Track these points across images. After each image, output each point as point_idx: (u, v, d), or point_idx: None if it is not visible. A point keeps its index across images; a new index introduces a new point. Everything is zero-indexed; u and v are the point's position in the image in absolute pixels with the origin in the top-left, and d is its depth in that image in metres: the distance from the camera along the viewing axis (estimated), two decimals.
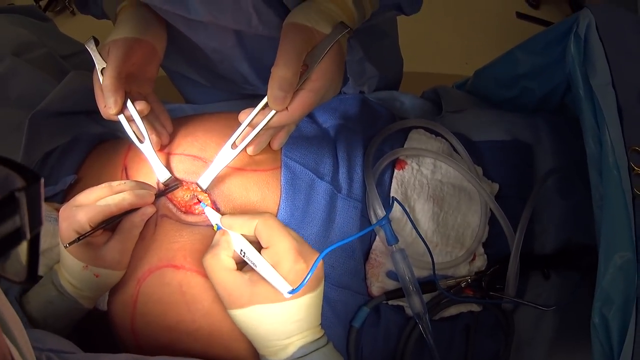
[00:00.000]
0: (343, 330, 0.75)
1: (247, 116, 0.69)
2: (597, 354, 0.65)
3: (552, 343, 0.80)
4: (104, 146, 0.90)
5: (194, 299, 0.69)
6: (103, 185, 0.69)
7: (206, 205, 0.71)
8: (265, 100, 0.67)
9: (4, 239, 0.27)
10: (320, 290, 0.64)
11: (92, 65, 0.75)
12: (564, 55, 0.81)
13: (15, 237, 0.28)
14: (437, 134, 0.86)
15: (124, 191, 0.68)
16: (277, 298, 0.60)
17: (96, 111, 0.94)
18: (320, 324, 0.66)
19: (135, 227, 0.70)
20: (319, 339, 0.64)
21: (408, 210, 0.79)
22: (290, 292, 0.58)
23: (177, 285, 0.69)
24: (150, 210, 0.71)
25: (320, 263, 0.62)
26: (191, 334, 0.69)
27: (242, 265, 0.64)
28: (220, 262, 0.63)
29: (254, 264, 0.62)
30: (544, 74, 0.87)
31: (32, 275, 0.32)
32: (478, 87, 1.00)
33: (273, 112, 0.67)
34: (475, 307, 0.80)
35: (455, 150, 0.85)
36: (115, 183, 0.69)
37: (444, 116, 0.93)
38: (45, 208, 0.80)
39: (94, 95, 0.74)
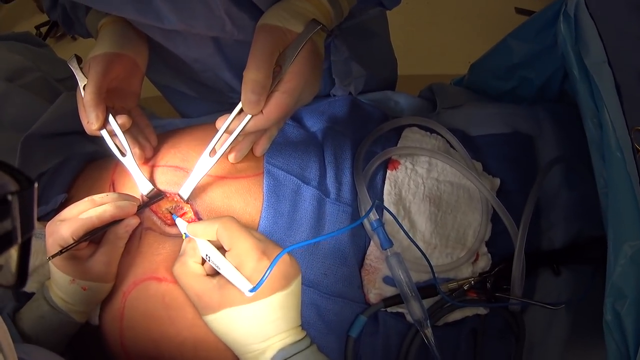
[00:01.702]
0: (336, 340, 0.71)
1: (223, 122, 0.68)
2: (612, 354, 0.59)
3: (566, 343, 0.75)
4: (93, 165, 0.90)
5: (177, 312, 0.67)
6: (85, 199, 0.68)
7: (177, 217, 0.70)
8: (240, 105, 0.65)
9: None
10: (293, 289, 0.62)
11: (75, 83, 0.75)
12: (556, 39, 0.77)
13: (6, 241, 0.28)
14: (432, 132, 0.83)
15: (105, 203, 0.68)
16: (246, 299, 0.59)
17: None
18: (305, 329, 0.64)
19: (119, 239, 0.70)
20: (299, 340, 0.62)
21: (404, 212, 0.76)
22: (251, 290, 0.57)
23: (160, 297, 0.68)
24: (133, 221, 0.70)
25: (287, 260, 0.61)
26: (177, 347, 0.68)
27: (212, 271, 0.64)
28: (188, 269, 0.63)
29: (218, 267, 0.61)
30: (539, 61, 0.82)
31: (21, 280, 0.32)
32: (475, 81, 0.96)
33: (249, 116, 0.65)
34: (481, 310, 0.75)
35: (452, 146, 0.81)
36: (97, 196, 0.69)
37: (440, 113, 0.89)
38: (37, 226, 0.79)
39: None
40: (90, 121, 0.71)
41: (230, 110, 0.93)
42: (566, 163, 0.79)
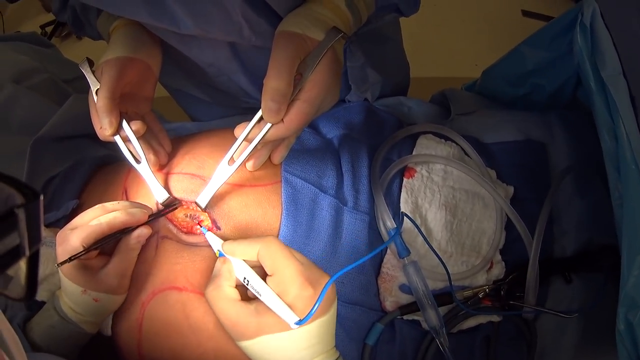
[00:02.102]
0: (356, 348, 0.72)
1: (242, 130, 0.67)
2: None
3: (577, 350, 0.76)
4: (105, 169, 0.89)
5: (198, 322, 0.67)
6: (96, 206, 0.67)
7: (207, 230, 0.68)
8: (260, 113, 0.65)
9: (3, 256, 0.27)
10: (332, 312, 0.60)
11: (87, 87, 0.74)
12: (571, 47, 0.78)
13: (14, 254, 0.28)
14: (446, 139, 0.83)
15: (116, 210, 0.67)
16: (285, 327, 0.56)
17: None
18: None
19: (131, 250, 0.68)
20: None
21: (420, 220, 0.76)
22: (297, 323, 0.55)
23: (180, 307, 0.68)
24: (145, 231, 0.68)
25: (330, 287, 0.58)
26: (198, 357, 0.67)
27: (246, 293, 0.61)
28: (223, 294, 0.59)
29: (258, 293, 0.58)
30: (552, 69, 0.83)
31: (30, 292, 0.32)
32: (487, 87, 0.96)
33: (269, 125, 0.64)
34: (495, 318, 0.76)
35: (466, 154, 0.82)
36: (108, 204, 0.68)
37: (453, 119, 0.90)
38: (47, 233, 0.79)
39: None
40: (103, 127, 0.70)
41: (243, 115, 0.93)
42: (579, 171, 0.80)
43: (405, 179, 0.79)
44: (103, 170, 0.89)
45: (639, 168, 0.62)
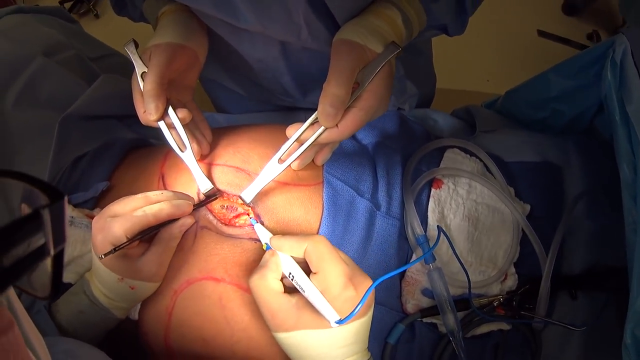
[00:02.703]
0: (378, 346, 0.76)
1: (294, 131, 0.69)
2: None
3: None
4: (137, 153, 0.89)
5: (234, 313, 0.68)
6: (139, 195, 0.67)
7: (257, 222, 0.70)
8: (314, 116, 0.67)
9: (28, 256, 0.28)
10: (370, 314, 0.62)
11: (132, 68, 0.74)
12: (596, 78, 0.83)
13: (39, 254, 0.29)
14: (471, 154, 0.87)
15: (160, 201, 0.67)
16: (324, 324, 0.58)
17: (128, 116, 0.94)
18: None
19: (173, 239, 0.69)
20: None
21: (445, 229, 0.80)
22: (337, 322, 0.57)
23: (217, 298, 0.69)
24: (189, 221, 0.70)
25: (372, 291, 0.60)
26: (229, 347, 0.69)
27: (289, 288, 0.63)
28: (267, 284, 0.61)
29: (302, 289, 0.60)
30: (575, 97, 0.88)
31: (55, 291, 0.32)
32: (508, 107, 1.01)
33: (322, 128, 0.67)
34: (504, 326, 0.81)
35: (488, 170, 0.86)
36: (152, 193, 0.68)
37: (477, 136, 0.94)
38: (76, 214, 0.79)
39: (128, 100, 0.72)
40: (149, 111, 0.70)
41: (273, 112, 0.94)
42: (591, 196, 0.86)
43: (433, 190, 0.83)
44: (134, 153, 0.89)
45: None
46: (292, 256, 0.63)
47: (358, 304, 0.57)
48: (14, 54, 0.89)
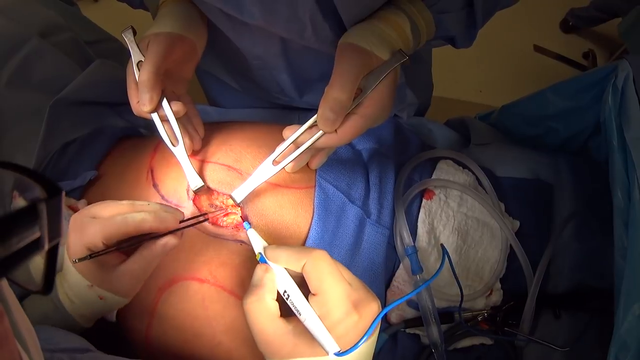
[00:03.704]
0: None
1: (291, 133, 0.68)
2: None
3: None
4: (127, 143, 0.88)
5: (216, 315, 0.68)
6: (124, 202, 0.62)
7: (250, 227, 0.66)
8: (313, 119, 0.66)
9: (23, 249, 0.28)
10: (374, 339, 0.57)
11: (128, 55, 0.72)
12: (594, 101, 0.83)
13: (34, 248, 0.28)
14: (464, 166, 0.87)
15: (144, 210, 0.61)
16: (322, 352, 0.53)
17: (120, 104, 0.93)
18: None
19: (155, 258, 0.62)
20: None
21: (433, 241, 0.80)
22: (338, 355, 0.52)
23: (200, 299, 0.68)
24: (173, 241, 0.62)
25: (375, 309, 0.56)
26: (209, 349, 0.68)
27: (285, 308, 0.57)
28: (264, 307, 0.55)
29: (298, 312, 0.55)
30: (571, 117, 0.88)
31: (48, 285, 0.32)
32: (503, 122, 1.01)
33: (320, 132, 0.66)
34: (487, 341, 0.81)
35: (480, 184, 0.86)
36: (138, 203, 0.62)
37: (471, 148, 0.94)
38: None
39: (121, 87, 0.69)
40: (142, 102, 0.68)
41: (268, 109, 0.93)
42: (580, 217, 0.86)
43: (424, 200, 0.82)
44: (124, 143, 0.88)
45: None
46: (287, 268, 0.58)
47: (364, 336, 0.52)
48: (10, 33, 0.86)
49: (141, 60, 0.71)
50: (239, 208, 0.72)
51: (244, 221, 0.70)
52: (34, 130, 0.83)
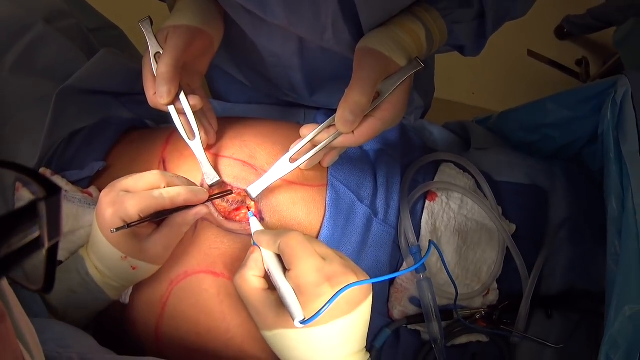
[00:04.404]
0: None
1: (309, 132, 0.70)
2: None
3: None
4: (135, 134, 0.88)
5: (231, 309, 0.69)
6: (154, 172, 0.66)
7: (253, 215, 0.69)
8: (330, 119, 0.68)
9: (23, 248, 0.28)
10: (357, 315, 0.58)
11: (144, 46, 0.72)
12: (592, 112, 0.87)
13: (33, 247, 0.29)
14: (464, 170, 0.90)
15: (175, 184, 0.66)
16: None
17: (124, 94, 0.92)
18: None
19: (185, 225, 0.68)
20: None
21: (435, 241, 0.83)
22: (302, 322, 0.54)
23: (215, 293, 0.69)
24: (205, 210, 0.69)
25: (359, 289, 0.57)
26: (223, 343, 0.69)
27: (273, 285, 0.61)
28: (247, 283, 0.60)
29: (277, 286, 0.58)
30: (568, 127, 0.92)
31: (48, 284, 0.33)
32: (501, 127, 1.04)
33: (338, 132, 0.68)
34: (483, 338, 0.84)
35: (479, 187, 0.89)
36: (167, 173, 0.67)
37: (470, 152, 0.97)
38: (70, 188, 0.77)
39: (126, 77, 0.69)
40: (160, 94, 0.69)
41: (275, 106, 0.94)
42: (573, 222, 0.90)
43: (427, 202, 0.85)
44: (132, 134, 0.88)
45: (639, 237, 0.73)
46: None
47: (324, 305, 0.54)
48: (16, 17, 0.85)
49: (158, 52, 0.71)
50: (254, 203, 0.73)
51: (257, 216, 0.72)
52: (38, 118, 0.82)
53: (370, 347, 0.79)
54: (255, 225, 0.68)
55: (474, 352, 0.84)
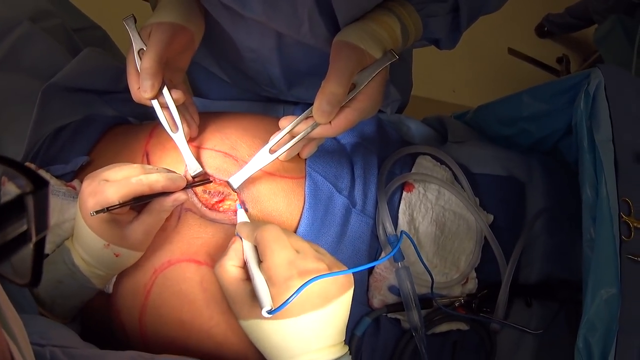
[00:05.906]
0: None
1: (288, 123, 0.72)
2: None
3: None
4: (118, 130, 0.89)
5: (214, 297, 0.70)
6: (135, 165, 0.68)
7: (241, 207, 0.71)
8: (307, 111, 0.70)
9: (10, 242, 0.28)
10: (332, 308, 0.59)
11: (130, 44, 0.74)
12: (566, 105, 0.89)
13: (21, 241, 0.29)
14: (441, 162, 0.92)
15: (156, 173, 0.68)
16: (274, 315, 0.57)
17: (107, 92, 0.94)
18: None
19: (164, 211, 0.69)
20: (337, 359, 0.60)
21: (413, 231, 0.84)
22: (269, 312, 0.56)
23: (198, 281, 0.70)
24: (183, 197, 0.70)
25: (329, 279, 0.58)
26: (207, 330, 0.70)
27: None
28: (226, 272, 0.62)
29: (252, 276, 0.60)
30: (544, 119, 0.94)
31: (36, 278, 0.33)
32: (478, 121, 1.06)
33: (315, 123, 0.69)
34: (463, 326, 0.86)
35: (456, 179, 0.91)
36: (148, 166, 0.69)
37: (448, 145, 0.99)
38: (54, 182, 0.79)
39: (110, 76, 0.70)
40: (144, 89, 0.71)
41: (254, 102, 0.96)
42: (550, 213, 0.92)
43: (404, 192, 0.87)
44: (114, 130, 0.89)
45: (612, 222, 0.75)
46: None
47: (290, 297, 0.55)
48: (1, 16, 0.87)
49: (142, 49, 0.73)
50: (236, 194, 0.75)
51: (242, 206, 0.73)
52: (23, 115, 0.84)
53: (351, 335, 0.80)
54: (241, 217, 0.70)
55: (455, 340, 0.85)
